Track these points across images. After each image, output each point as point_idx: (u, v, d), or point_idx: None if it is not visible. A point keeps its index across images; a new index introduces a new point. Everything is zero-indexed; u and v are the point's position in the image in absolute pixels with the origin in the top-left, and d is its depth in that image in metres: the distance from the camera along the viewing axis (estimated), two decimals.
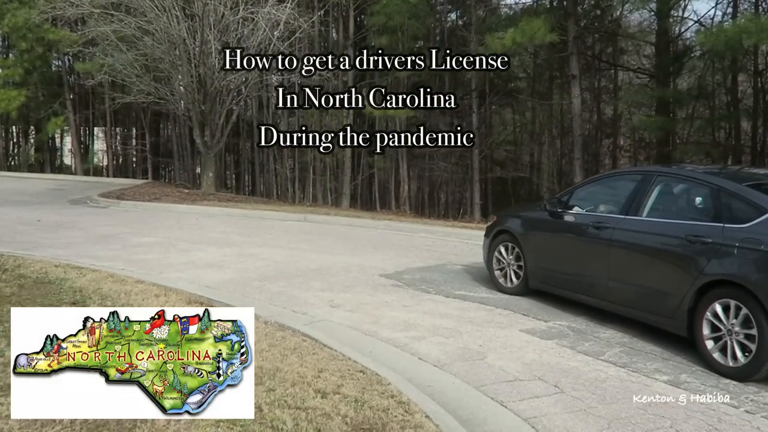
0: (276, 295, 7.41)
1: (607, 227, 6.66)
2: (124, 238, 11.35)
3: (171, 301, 6.42)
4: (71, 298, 6.24)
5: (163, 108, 23.78)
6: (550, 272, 7.49)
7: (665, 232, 6.14)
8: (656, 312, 6.09)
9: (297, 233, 12.97)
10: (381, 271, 9.01)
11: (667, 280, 6.01)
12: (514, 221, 8.16)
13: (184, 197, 19.05)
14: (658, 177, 6.60)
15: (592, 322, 6.75)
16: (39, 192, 20.64)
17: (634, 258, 6.39)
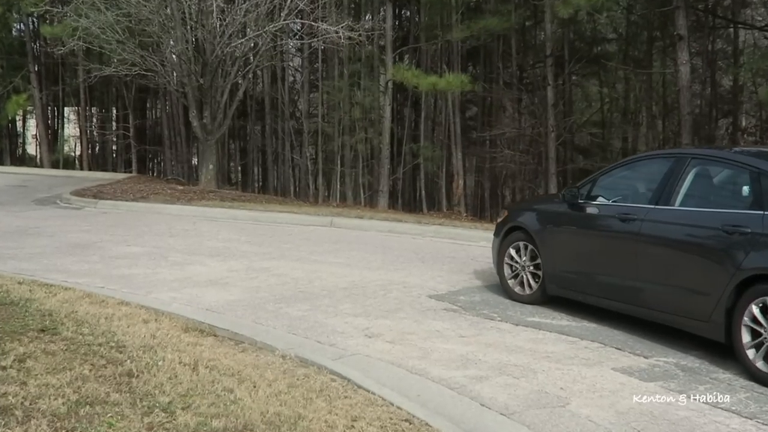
0: (296, 321, 7.45)
1: (635, 219, 7.21)
2: (103, 248, 11.53)
3: (163, 328, 6.50)
4: (39, 324, 6.35)
5: (151, 82, 24.16)
6: (571, 275, 7.97)
7: (699, 223, 6.67)
8: (690, 315, 6.60)
9: (321, 241, 13.03)
10: (430, 291, 9.01)
11: (701, 278, 6.50)
12: (529, 216, 8.69)
13: (177, 196, 19.30)
14: (692, 160, 7.16)
15: (708, 359, 6.64)
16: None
17: (664, 253, 6.90)
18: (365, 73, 25.50)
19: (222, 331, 6.75)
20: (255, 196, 22.42)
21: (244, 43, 21.33)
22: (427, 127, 26.26)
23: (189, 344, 6.10)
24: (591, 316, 7.89)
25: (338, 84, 25.46)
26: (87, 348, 5.76)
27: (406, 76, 21.10)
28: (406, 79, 21.22)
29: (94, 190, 20.27)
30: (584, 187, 8.14)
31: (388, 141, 23.57)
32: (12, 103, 28.92)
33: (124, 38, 21.00)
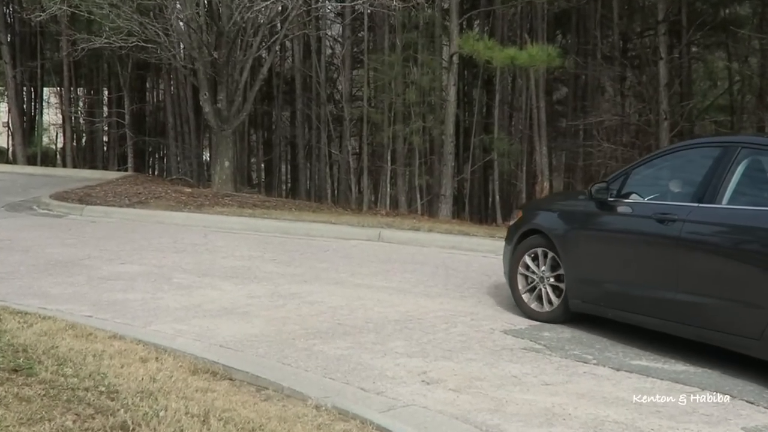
0: (334, 362, 7.46)
1: (675, 220, 7.65)
2: (90, 266, 11.68)
3: (166, 370, 6.57)
4: (11, 363, 6.45)
5: (152, 57, 24.52)
6: (599, 287, 8.46)
7: (750, 224, 7.12)
8: (737, 332, 7.05)
9: (366, 260, 13.06)
10: (505, 325, 8.97)
11: (751, 288, 6.94)
12: (549, 217, 9.23)
13: (184, 201, 19.52)
14: (742, 150, 7.56)
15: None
16: None
17: (709, 260, 7.39)
18: (423, 44, 25.56)
19: (240, 374, 6.79)
20: (282, 202, 22.59)
21: (270, 7, 21.52)
22: (502, 114, 26.25)
23: (198, 390, 6.15)
24: (713, 360, 7.79)
25: (389, 58, 25.55)
26: (70, 393, 5.83)
27: (477, 48, 21.09)
28: (476, 51, 21.22)
29: (79, 192, 20.59)
30: (615, 183, 8.57)
31: (452, 132, 23.59)
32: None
33: (119, 0, 21.28)
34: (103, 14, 21.74)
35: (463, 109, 27.59)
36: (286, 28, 23.14)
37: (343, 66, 29.27)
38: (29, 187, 22.61)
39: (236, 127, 22.76)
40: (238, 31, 21.22)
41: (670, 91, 21.96)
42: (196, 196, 20.35)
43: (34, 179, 25.49)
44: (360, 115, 27.50)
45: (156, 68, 31.18)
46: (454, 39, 22.63)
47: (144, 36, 21.69)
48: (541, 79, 24.46)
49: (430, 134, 25.71)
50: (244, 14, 20.74)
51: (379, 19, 26.57)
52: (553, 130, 25.71)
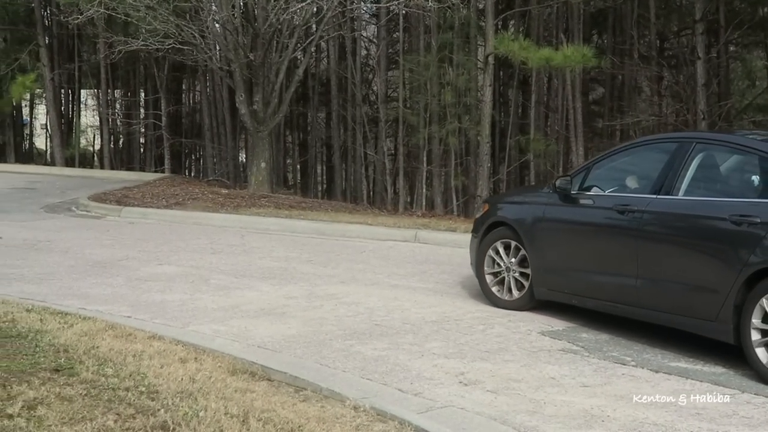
0: (371, 362, 7.49)
1: (635, 211, 8.21)
2: (129, 267, 11.80)
3: (205, 370, 6.62)
4: (53, 362, 6.54)
5: (188, 59, 24.65)
6: (563, 275, 9.01)
7: (705, 213, 7.72)
8: (696, 315, 7.65)
9: (403, 261, 13.08)
10: (543, 326, 8.96)
11: (707, 274, 7.58)
12: (514, 209, 9.83)
13: (221, 202, 19.63)
14: (697, 145, 8.18)
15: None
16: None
17: (667, 248, 7.97)
18: (459, 45, 25.55)
19: (278, 375, 6.83)
20: (318, 203, 22.65)
21: (305, 8, 21.57)
22: (538, 114, 26.18)
23: (237, 390, 6.20)
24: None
25: (424, 59, 25.53)
26: (111, 393, 5.90)
27: (512, 48, 21.03)
28: (512, 52, 21.16)
29: (117, 194, 20.76)
30: (577, 177, 9.13)
31: (488, 132, 23.54)
32: (17, 86, 29.76)
33: (156, 3, 21.40)
34: (139, 16, 21.86)
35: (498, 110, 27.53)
36: (322, 29, 23.17)
37: (378, 67, 29.31)
38: (67, 189, 22.82)
39: (272, 129, 22.86)
40: (274, 32, 21.29)
41: (708, 91, 21.82)
42: (232, 197, 20.44)
43: (72, 181, 25.71)
44: (395, 116, 27.50)
45: (192, 70, 31.33)
46: (489, 39, 22.57)
47: (180, 38, 21.81)
48: (577, 79, 24.37)
49: (465, 135, 25.68)
50: (280, 16, 20.81)
51: (414, 20, 26.57)
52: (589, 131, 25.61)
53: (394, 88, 30.92)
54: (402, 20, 27.13)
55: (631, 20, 25.61)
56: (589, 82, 28.75)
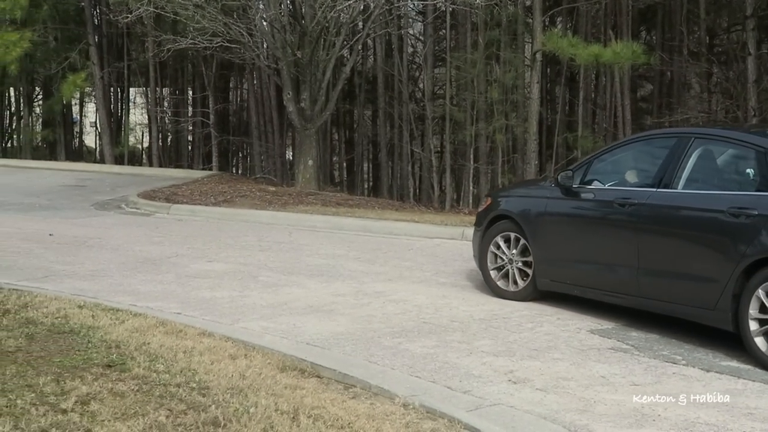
0: (420, 360, 7.49)
1: (635, 204, 8.55)
2: (178, 264, 11.91)
3: (255, 367, 6.66)
4: (104, 358, 6.62)
5: (236, 57, 24.77)
6: (565, 267, 9.35)
7: (704, 206, 8.05)
8: (695, 304, 7.97)
9: (450, 259, 13.06)
10: (592, 324, 8.92)
11: (706, 264, 7.92)
12: (516, 203, 10.11)
13: (268, 199, 19.73)
14: (695, 140, 8.47)
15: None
16: (49, 190, 22.05)
17: (667, 240, 8.34)
18: (506, 42, 25.48)
19: (327, 372, 6.86)
20: (365, 200, 22.69)
21: (352, 6, 21.61)
22: (586, 111, 26.05)
23: (287, 387, 6.23)
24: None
25: (471, 56, 25.51)
26: (162, 389, 5.96)
27: (560, 45, 20.95)
28: (560, 49, 21.08)
29: (166, 191, 20.92)
30: (579, 171, 9.45)
31: (535, 129, 23.48)
32: (68, 84, 30.07)
33: (204, 1, 21.54)
34: (188, 15, 22.01)
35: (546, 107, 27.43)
36: (369, 27, 23.19)
37: (425, 64, 29.30)
38: (117, 186, 23.03)
39: (319, 126, 22.91)
40: (321, 30, 21.34)
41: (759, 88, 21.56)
42: (280, 195, 20.53)
43: (121, 178, 25.95)
44: (442, 114, 27.48)
45: (239, 68, 31.49)
46: (537, 36, 22.49)
47: (228, 36, 21.93)
48: (625, 76, 24.22)
49: (513, 132, 25.59)
50: (327, 13, 20.86)
51: (461, 17, 26.52)
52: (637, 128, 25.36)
53: (440, 85, 30.89)
54: (449, 17, 27.06)
55: (681, 16, 25.40)
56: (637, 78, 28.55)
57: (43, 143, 37.30)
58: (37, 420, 5.28)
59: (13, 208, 18.03)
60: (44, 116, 37.26)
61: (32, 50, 30.65)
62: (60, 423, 5.28)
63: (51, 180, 24.72)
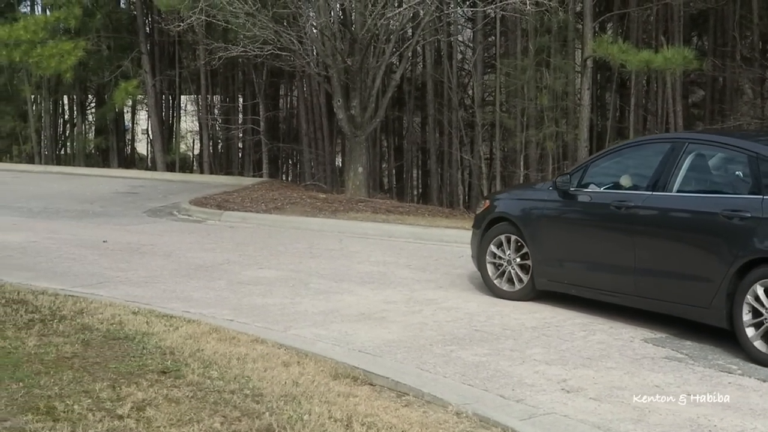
0: (472, 368, 7.49)
1: (632, 206, 8.93)
2: (230, 271, 11.99)
3: (308, 374, 6.70)
4: (159, 365, 6.70)
5: (286, 64, 24.87)
6: (563, 267, 9.71)
7: (698, 208, 8.46)
8: (690, 302, 8.36)
9: None
10: (645, 333, 8.87)
11: (701, 264, 8.32)
12: (514, 205, 10.48)
13: (319, 206, 19.78)
14: (689, 145, 8.89)
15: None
16: (102, 197, 22.29)
17: (663, 241, 8.72)
18: (556, 48, 25.37)
19: (379, 379, 6.88)
20: (415, 207, 22.68)
21: (402, 13, 21.63)
22: (637, 117, 25.87)
23: (340, 395, 6.26)
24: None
25: (521, 63, 25.43)
26: (217, 395, 6.02)
27: (611, 51, 20.83)
28: (611, 55, 20.96)
29: (217, 198, 21.05)
30: (576, 175, 9.80)
31: (586, 136, 23.34)
32: (120, 91, 30.33)
33: (255, 10, 21.63)
34: (239, 23, 22.12)
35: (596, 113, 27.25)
36: (418, 34, 23.20)
37: (474, 71, 29.26)
38: (168, 193, 23.22)
39: (369, 134, 22.94)
40: (371, 38, 21.37)
41: None
42: (330, 202, 20.58)
43: (173, 185, 26.16)
44: (492, 120, 27.43)
45: (290, 75, 31.60)
46: (587, 42, 22.38)
47: (279, 44, 21.99)
48: (677, 82, 24.01)
49: (563, 139, 25.46)
50: (377, 21, 20.89)
51: (511, 24, 26.44)
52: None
53: (490, 91, 30.84)
54: (499, 24, 27.01)
55: (733, 21, 25.14)
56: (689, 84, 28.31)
57: (96, 150, 37.71)
58: (94, 425, 5.35)
59: (68, 215, 18.24)
60: (97, 124, 37.68)
61: (86, 59, 31.09)
62: (116, 429, 5.35)
63: (104, 187, 24.99)
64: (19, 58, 29.17)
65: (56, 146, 37.44)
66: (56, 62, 28.75)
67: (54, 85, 34.83)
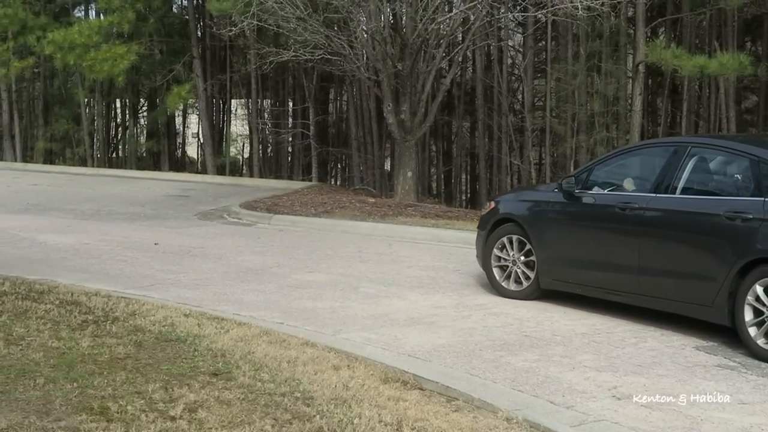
0: (522, 374, 7.47)
1: (636, 208, 9.23)
2: (280, 274, 12.06)
3: (357, 378, 6.72)
4: (211, 366, 6.76)
5: (336, 69, 24.97)
6: (567, 267, 9.99)
7: (702, 210, 8.77)
8: (693, 301, 8.68)
9: None
10: (697, 341, 8.79)
11: (704, 264, 8.64)
12: (520, 206, 10.85)
13: (368, 210, 19.82)
14: (692, 148, 9.18)
15: None
16: (154, 200, 22.52)
17: (667, 242, 9.01)
18: (608, 53, 25.22)
19: (429, 384, 6.89)
20: (464, 212, 22.63)
21: (453, 18, 21.63)
22: (689, 123, 25.65)
23: (390, 399, 6.27)
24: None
25: (572, 68, 25.30)
26: (268, 398, 6.06)
27: (664, 56, 20.67)
28: (664, 60, 20.79)
29: (267, 202, 21.18)
30: (580, 177, 10.12)
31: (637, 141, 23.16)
32: (173, 96, 30.58)
33: (306, 15, 21.71)
34: (290, 28, 22.23)
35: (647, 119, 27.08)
36: (469, 39, 23.18)
37: (524, 76, 29.17)
38: (219, 197, 23.40)
39: (419, 138, 22.95)
40: (422, 42, 21.38)
41: None
42: (379, 206, 20.62)
43: (223, 188, 26.36)
44: (542, 126, 27.33)
45: (339, 80, 31.71)
46: (640, 48, 22.24)
47: (330, 48, 22.09)
48: (730, 87, 23.79)
49: (613, 145, 25.25)
50: (428, 26, 20.90)
51: (562, 29, 26.34)
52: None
53: (540, 96, 30.73)
54: (549, 28, 26.91)
55: None
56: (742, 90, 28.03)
57: (147, 153, 38.09)
58: (147, 426, 5.41)
59: (120, 218, 18.44)
60: (148, 127, 38.06)
61: (138, 63, 31.41)
62: (169, 430, 5.40)
63: (155, 190, 25.25)
64: (73, 61, 29.58)
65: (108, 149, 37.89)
66: (109, 66, 29.10)
67: (107, 89, 35.28)
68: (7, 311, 8.49)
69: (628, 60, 25.74)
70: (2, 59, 32.80)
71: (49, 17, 33.07)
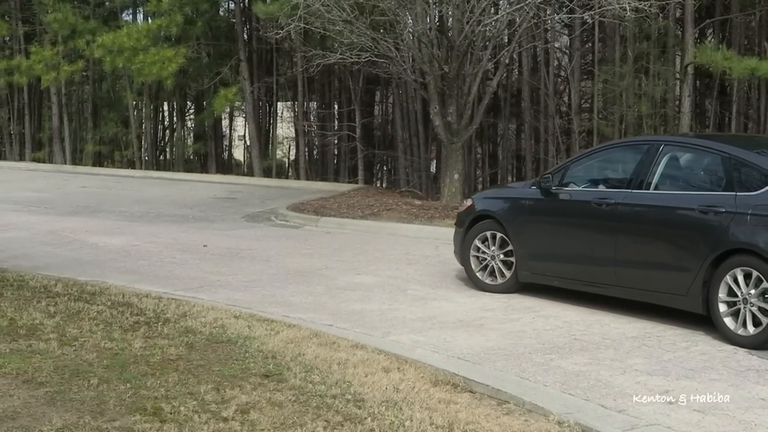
0: (572, 377, 7.45)
1: (612, 203, 9.69)
2: (328, 276, 12.11)
3: (408, 380, 6.73)
4: (262, 368, 6.80)
5: (382, 71, 24.97)
6: (546, 261, 10.46)
7: (676, 205, 9.27)
8: (669, 291, 9.17)
9: None
10: None
11: (679, 256, 9.17)
12: (497, 204, 11.28)
13: (414, 213, 19.81)
14: (664, 147, 9.72)
15: None
16: (201, 202, 22.65)
17: (643, 235, 9.50)
18: (656, 55, 25.03)
19: (480, 387, 6.89)
20: None
21: (500, 21, 21.57)
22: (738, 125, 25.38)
23: (440, 401, 6.28)
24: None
25: (619, 70, 25.13)
26: (319, 400, 6.08)
27: (714, 58, 20.46)
28: (714, 62, 20.58)
29: (314, 204, 21.21)
30: (557, 174, 10.59)
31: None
32: (219, 98, 30.71)
33: (353, 17, 21.75)
34: (336, 31, 22.28)
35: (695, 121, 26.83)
36: (515, 41, 23.11)
37: (571, 77, 29.00)
38: (266, 199, 23.48)
39: (465, 141, 22.89)
40: (468, 45, 21.34)
41: None
42: (425, 209, 20.58)
43: (270, 191, 26.45)
44: (589, 128, 27.16)
45: (386, 82, 31.66)
46: (688, 49, 22.05)
47: (376, 51, 22.10)
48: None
49: None
50: (474, 28, 20.86)
51: (609, 30, 26.16)
52: None
53: (587, 98, 30.53)
54: (597, 30, 26.74)
55: None
56: None
57: (195, 156, 38.31)
58: (200, 427, 5.45)
59: (169, 220, 18.58)
60: (195, 130, 38.25)
61: (186, 65, 31.58)
62: (221, 431, 5.44)
63: (203, 192, 25.40)
64: (122, 64, 29.81)
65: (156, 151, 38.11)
66: (157, 69, 29.29)
67: (155, 92, 35.49)
68: (60, 312, 8.61)
69: (677, 61, 25.52)
70: (52, 63, 33.12)
71: (98, 21, 33.30)
